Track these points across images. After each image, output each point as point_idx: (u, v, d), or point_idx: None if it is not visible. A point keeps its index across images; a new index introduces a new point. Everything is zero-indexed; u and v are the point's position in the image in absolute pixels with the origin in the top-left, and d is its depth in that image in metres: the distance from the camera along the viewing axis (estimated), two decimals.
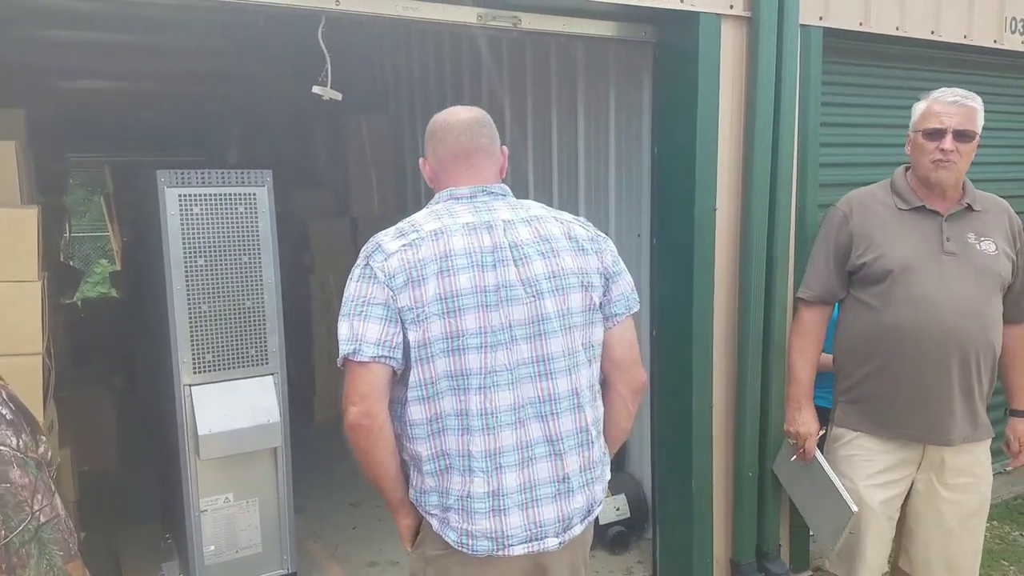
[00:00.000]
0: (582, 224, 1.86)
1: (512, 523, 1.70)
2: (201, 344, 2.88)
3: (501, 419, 1.69)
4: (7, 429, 1.23)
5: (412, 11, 2.58)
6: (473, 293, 1.68)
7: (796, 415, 2.61)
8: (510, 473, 1.70)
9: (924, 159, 2.38)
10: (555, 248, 1.76)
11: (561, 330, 1.73)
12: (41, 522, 1.23)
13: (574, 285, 1.76)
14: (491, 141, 1.85)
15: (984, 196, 2.49)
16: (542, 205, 1.87)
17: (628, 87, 3.53)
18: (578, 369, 1.76)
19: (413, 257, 1.68)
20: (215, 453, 2.88)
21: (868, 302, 2.43)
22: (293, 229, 5.90)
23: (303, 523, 3.88)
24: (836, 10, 3.17)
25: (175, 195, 2.80)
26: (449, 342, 1.66)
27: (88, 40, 5.00)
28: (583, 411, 1.77)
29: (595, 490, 1.81)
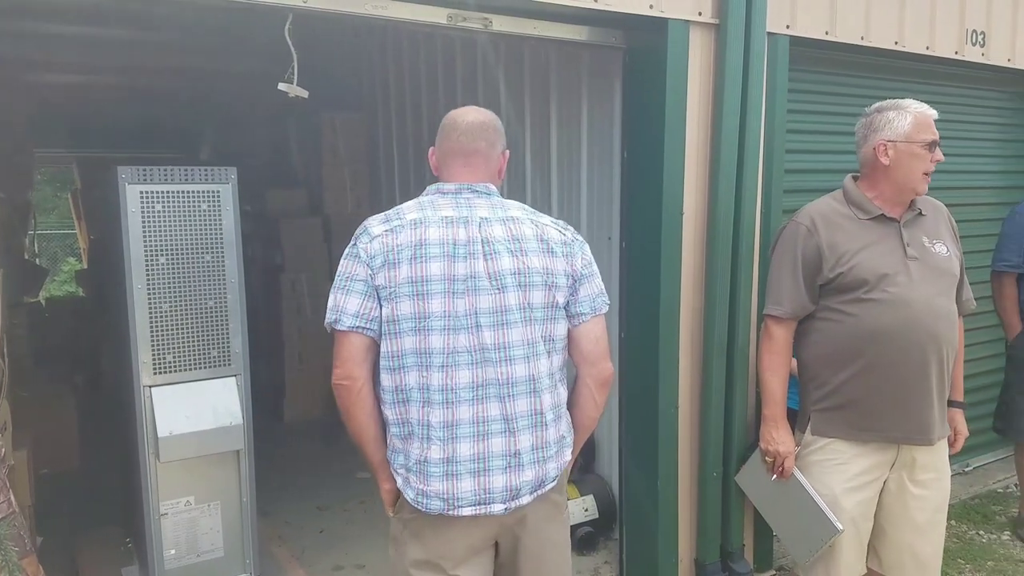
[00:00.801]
0: (559, 228, 2.00)
1: (463, 487, 1.88)
2: (162, 344, 2.83)
3: (460, 395, 1.86)
4: None
5: (381, 10, 2.57)
6: (442, 280, 1.85)
7: (773, 434, 2.59)
8: (464, 443, 1.87)
9: (918, 170, 2.40)
10: (524, 248, 1.91)
11: (521, 322, 1.90)
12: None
13: (537, 283, 1.91)
14: (490, 145, 2.01)
15: (924, 200, 2.53)
16: (523, 207, 2.01)
17: (600, 91, 3.54)
18: (537, 358, 1.92)
19: (392, 242, 1.86)
20: (175, 455, 2.84)
21: (843, 310, 2.44)
22: (265, 228, 5.85)
23: (269, 526, 3.85)
24: (803, 19, 3.21)
25: (136, 192, 2.76)
26: (416, 322, 1.84)
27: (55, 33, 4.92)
28: (539, 396, 1.93)
29: (547, 467, 1.96)
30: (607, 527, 3.68)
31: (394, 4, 2.57)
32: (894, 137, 2.42)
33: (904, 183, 2.43)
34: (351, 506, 4.13)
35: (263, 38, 3.26)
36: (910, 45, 3.56)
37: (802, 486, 2.57)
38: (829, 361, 2.50)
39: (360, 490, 4.31)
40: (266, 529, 3.69)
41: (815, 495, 2.53)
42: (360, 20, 2.60)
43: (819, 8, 3.25)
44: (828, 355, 2.51)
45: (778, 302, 2.54)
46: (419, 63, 5.00)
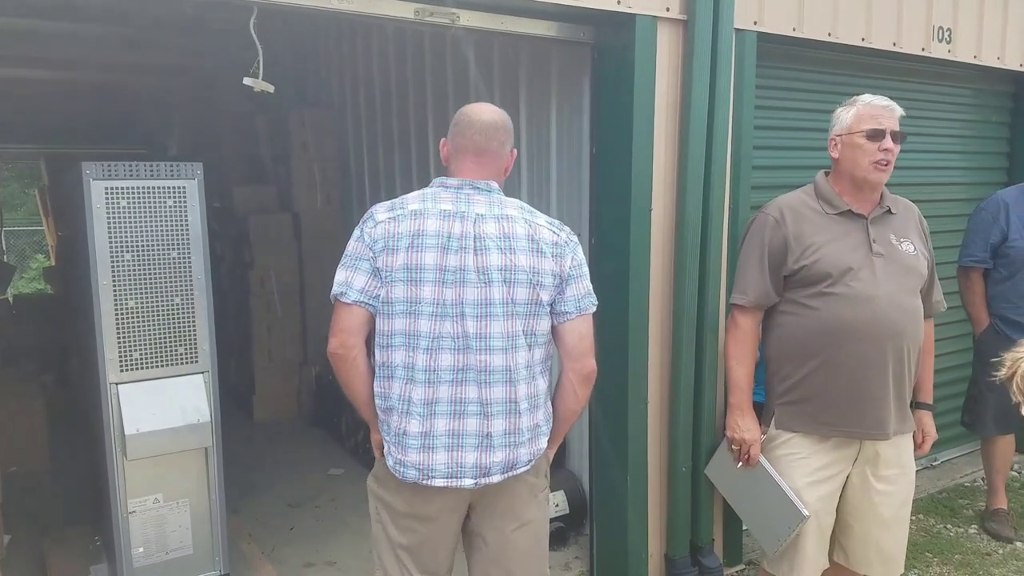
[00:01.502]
0: (554, 229, 2.09)
1: (438, 460, 2.02)
2: (128, 341, 2.80)
3: (441, 376, 2.00)
4: None
5: (347, 5, 2.55)
6: (434, 270, 1.98)
7: (739, 422, 2.62)
8: (442, 420, 2.01)
9: (863, 160, 2.42)
10: (513, 246, 2.01)
11: (503, 316, 2.00)
12: None
13: (522, 281, 2.01)
14: (501, 145, 2.12)
15: (896, 199, 2.57)
16: (522, 206, 2.10)
17: (569, 88, 3.55)
18: (516, 351, 2.02)
19: (394, 229, 2.00)
20: (143, 453, 2.81)
21: (806, 303, 2.47)
22: (234, 225, 5.80)
23: (239, 524, 3.82)
24: (770, 15, 3.23)
25: (101, 188, 2.72)
26: (408, 305, 1.99)
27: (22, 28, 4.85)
28: (515, 386, 2.03)
29: (518, 452, 2.07)
30: (578, 522, 3.70)
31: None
32: (840, 131, 2.49)
33: (853, 175, 2.47)
34: (322, 503, 4.11)
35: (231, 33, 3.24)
36: (877, 42, 3.60)
37: (769, 474, 2.59)
38: (792, 355, 2.53)
39: (331, 487, 4.30)
40: (236, 526, 3.67)
41: (782, 483, 2.55)
42: (326, 15, 2.58)
43: (786, 4, 3.28)
44: (791, 349, 2.54)
45: (743, 291, 2.58)
46: (388, 58, 4.98)
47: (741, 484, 2.77)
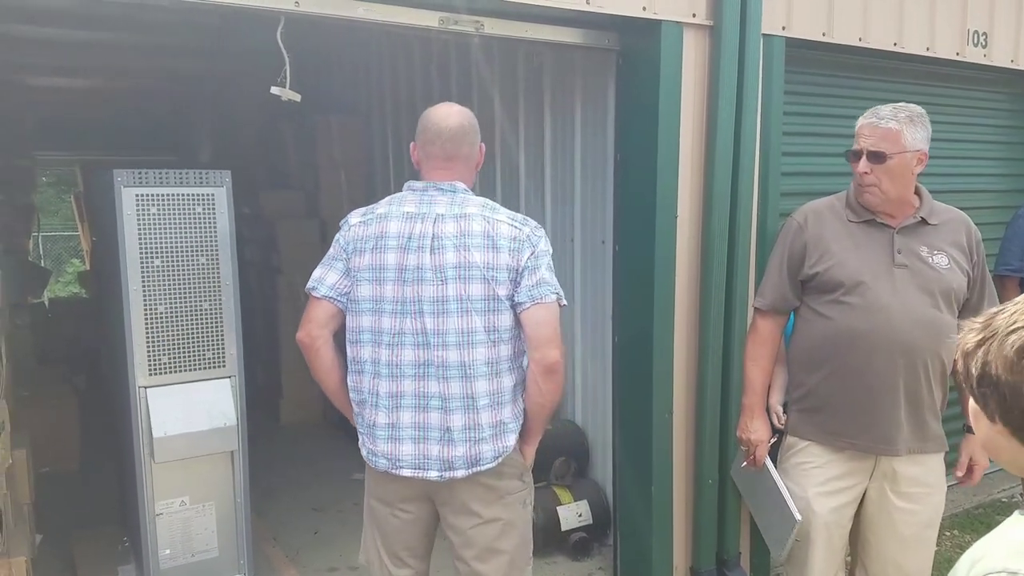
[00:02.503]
0: (516, 224, 2.12)
1: (404, 451, 2.12)
2: (157, 346, 2.84)
3: (404, 371, 2.10)
4: None
5: (373, 14, 2.57)
6: (395, 269, 2.08)
7: (749, 422, 2.62)
8: (407, 413, 2.11)
9: (854, 180, 2.41)
10: (468, 244, 2.06)
11: (458, 312, 2.06)
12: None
13: (476, 277, 2.06)
14: (471, 148, 2.20)
15: (943, 209, 2.50)
16: (484, 204, 2.14)
17: (594, 94, 3.54)
18: (473, 347, 2.07)
19: (363, 232, 2.13)
20: (170, 456, 2.85)
21: (821, 311, 2.45)
22: (262, 231, 5.86)
23: (264, 527, 3.85)
24: (799, 20, 3.19)
25: (132, 195, 2.77)
26: (373, 304, 2.10)
27: (57, 38, 4.96)
28: (472, 381, 2.08)
29: (480, 448, 2.11)
30: (601, 533, 3.67)
31: (385, 8, 2.57)
32: None
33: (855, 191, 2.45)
34: (346, 507, 4.12)
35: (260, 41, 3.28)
36: (909, 46, 3.54)
37: (771, 476, 2.59)
38: (805, 361, 2.51)
39: (355, 492, 4.26)
40: (260, 529, 3.70)
41: (781, 486, 2.55)
42: (352, 24, 2.60)
43: (816, 9, 3.24)
44: (804, 355, 2.52)
45: (762, 294, 2.59)
46: (414, 66, 5.01)
47: (752, 485, 2.78)
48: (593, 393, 3.79)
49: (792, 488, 2.53)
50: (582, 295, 3.79)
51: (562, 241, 3.90)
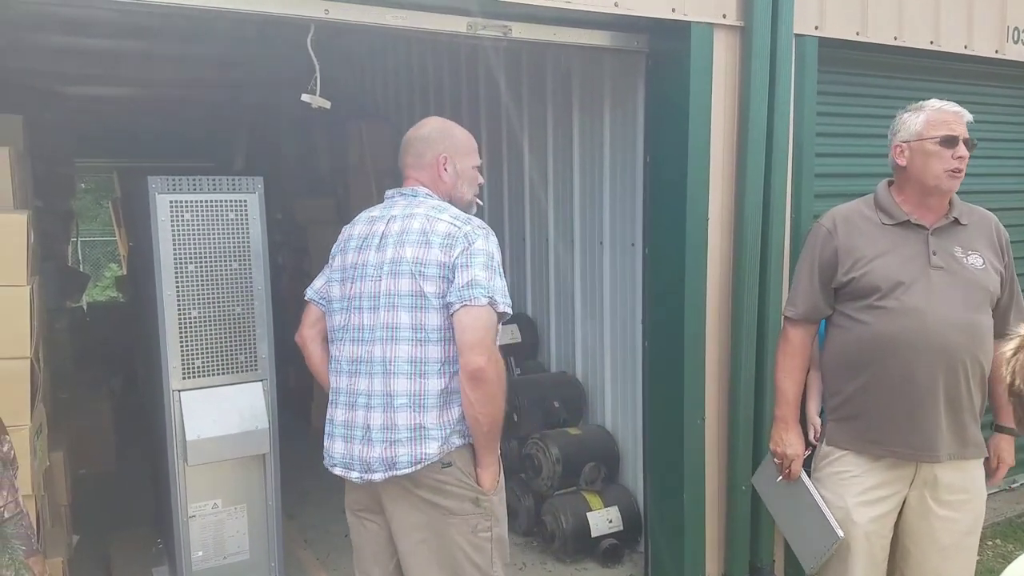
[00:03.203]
0: (456, 223, 2.10)
1: (336, 448, 2.18)
2: (190, 350, 2.87)
3: (343, 367, 2.17)
4: None
5: (401, 20, 2.59)
6: (352, 268, 2.17)
7: (783, 435, 2.56)
8: (340, 409, 2.18)
9: (937, 167, 2.32)
10: (403, 240, 2.09)
11: (385, 307, 2.09)
12: (5, 518, 1.24)
13: (405, 272, 2.07)
14: (416, 156, 2.24)
15: (971, 209, 2.46)
16: (436, 206, 2.15)
17: (623, 96, 3.52)
18: (397, 343, 2.07)
19: (342, 237, 2.29)
20: (203, 459, 2.87)
21: (856, 317, 2.39)
22: (294, 236, 5.92)
23: (295, 530, 3.88)
24: (832, 19, 3.15)
25: (166, 201, 2.80)
26: (337, 303, 2.21)
27: (94, 47, 5.06)
28: (394, 379, 2.07)
29: (396, 451, 2.06)
30: (632, 539, 3.65)
31: (414, 14, 2.59)
32: (908, 137, 2.38)
33: (924, 183, 2.36)
34: None
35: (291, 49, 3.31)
36: (947, 44, 3.47)
37: (808, 490, 2.53)
38: (841, 369, 2.46)
39: None
40: (292, 532, 3.73)
41: (820, 500, 2.49)
42: (381, 30, 2.62)
43: (850, 8, 3.20)
44: (840, 363, 2.46)
45: (793, 303, 2.53)
46: (443, 70, 5.03)
47: (782, 498, 2.70)
48: (623, 397, 3.77)
49: (830, 498, 2.48)
50: (611, 298, 3.77)
51: (591, 244, 3.89)
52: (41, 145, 3.93)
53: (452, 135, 2.26)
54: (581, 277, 3.99)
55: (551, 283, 4.25)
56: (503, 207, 4.62)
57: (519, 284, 4.58)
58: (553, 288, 4.24)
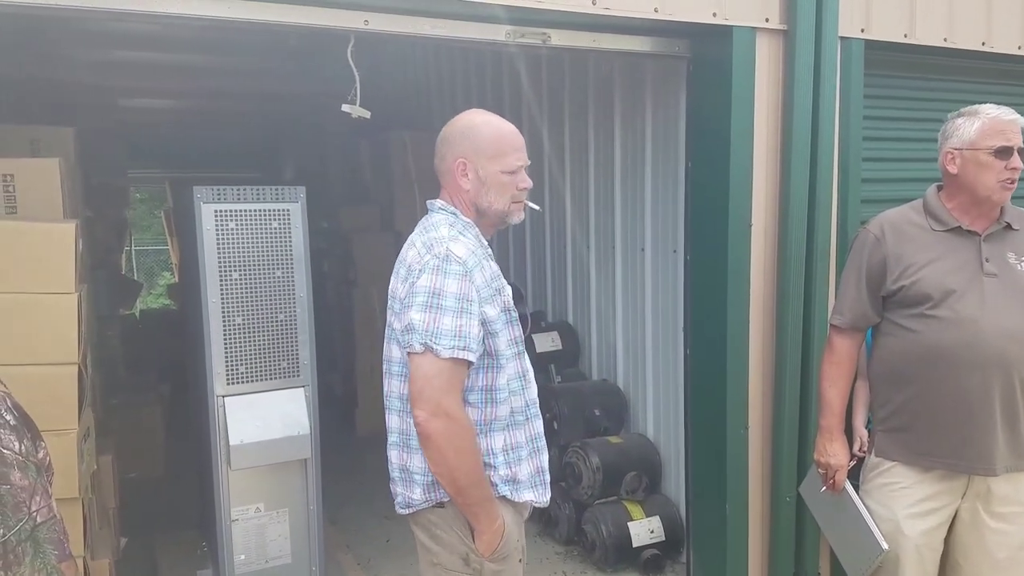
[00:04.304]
0: (422, 251, 1.88)
1: None
2: (234, 356, 2.92)
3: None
4: (10, 434, 1.28)
5: (440, 29, 2.61)
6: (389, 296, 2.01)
7: (827, 446, 2.50)
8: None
9: (990, 178, 2.26)
10: (397, 270, 1.96)
11: (387, 339, 1.99)
12: (37, 522, 1.27)
13: (391, 305, 1.97)
14: (440, 159, 2.02)
15: (1020, 212, 2.38)
16: (433, 224, 1.95)
17: (664, 102, 3.50)
18: (391, 377, 1.98)
19: None
20: (246, 463, 2.92)
21: (906, 326, 2.33)
22: (339, 244, 6.00)
23: (336, 534, 3.92)
24: (879, 21, 3.08)
25: (211, 210, 2.86)
26: None
27: (147, 60, 5.22)
28: (389, 415, 2.00)
29: (395, 489, 2.01)
30: (674, 550, 3.60)
31: (452, 23, 2.60)
32: (960, 145, 2.30)
33: (975, 192, 2.29)
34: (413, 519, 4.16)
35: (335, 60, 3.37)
36: (999, 45, 3.37)
37: (853, 501, 2.48)
38: (890, 379, 2.39)
39: None
40: (333, 536, 3.77)
41: (864, 512, 2.43)
42: (421, 40, 2.64)
43: (897, 9, 3.12)
44: (890, 373, 2.39)
45: (840, 311, 2.47)
46: (485, 78, 5.05)
47: (828, 508, 2.65)
48: (665, 406, 3.73)
49: (879, 511, 2.41)
50: (652, 305, 3.74)
51: (632, 251, 3.86)
52: (94, 156, 4.05)
53: (474, 133, 1.96)
54: (623, 284, 3.97)
55: (592, 290, 4.23)
56: (544, 214, 4.62)
57: (560, 291, 4.57)
58: (594, 295, 4.22)
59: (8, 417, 1.30)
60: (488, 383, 1.92)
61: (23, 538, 1.25)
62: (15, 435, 1.29)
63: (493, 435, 1.94)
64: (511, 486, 1.96)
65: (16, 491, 1.24)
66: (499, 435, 1.94)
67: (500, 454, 1.95)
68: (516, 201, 1.99)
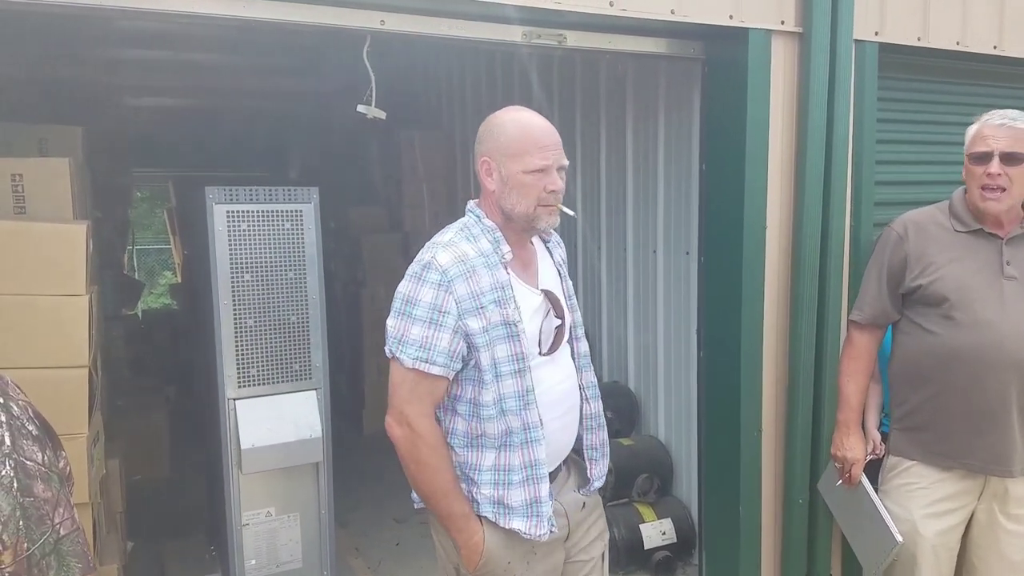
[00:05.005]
0: (417, 255, 1.88)
1: None
2: (246, 358, 2.90)
3: None
4: (33, 444, 1.26)
5: (457, 30, 2.59)
6: None
7: (844, 440, 2.52)
8: None
9: (973, 185, 2.29)
10: None
11: None
12: (61, 535, 1.24)
13: None
14: (478, 162, 1.92)
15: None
16: (450, 227, 1.94)
17: (677, 103, 3.48)
18: None
19: None
20: (257, 467, 2.90)
21: (924, 325, 2.33)
22: (347, 244, 5.98)
23: (346, 538, 3.90)
24: (893, 25, 3.07)
25: (223, 211, 2.84)
26: None
27: (152, 59, 5.19)
28: None
29: None
30: (686, 552, 3.59)
31: (469, 24, 2.58)
32: (965, 151, 2.35)
33: (969, 199, 2.32)
34: (428, 520, 4.13)
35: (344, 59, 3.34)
36: (1011, 49, 3.36)
37: (868, 495, 2.49)
38: (908, 379, 2.40)
39: None
40: (343, 540, 3.74)
41: (879, 505, 2.44)
42: (437, 40, 2.62)
43: (911, 13, 3.11)
44: (907, 372, 2.41)
45: (860, 307, 2.49)
46: (496, 77, 5.03)
47: (844, 503, 2.67)
48: (677, 408, 3.71)
49: (896, 511, 2.42)
50: (665, 307, 3.72)
51: (645, 252, 3.85)
52: (100, 155, 4.02)
53: (499, 131, 1.88)
54: (634, 285, 3.95)
55: (603, 292, 4.21)
56: None
57: None
58: (605, 297, 4.20)
59: (31, 427, 1.28)
60: (473, 397, 1.86)
61: (47, 551, 1.22)
62: (38, 445, 1.26)
63: (484, 451, 1.87)
64: (497, 509, 1.87)
65: (39, 503, 1.21)
66: (489, 452, 1.86)
67: (487, 472, 1.87)
68: (544, 204, 1.89)
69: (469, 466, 1.88)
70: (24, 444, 1.24)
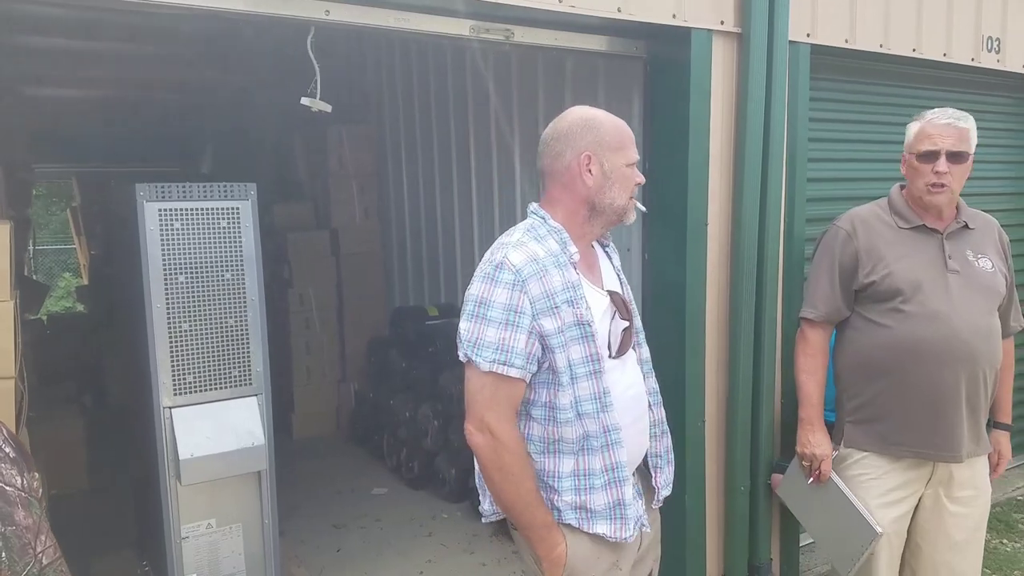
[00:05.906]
0: (487, 257, 1.83)
1: None
2: (182, 365, 2.77)
3: None
4: (11, 468, 1.16)
5: (404, 22, 2.53)
6: None
7: (810, 436, 2.57)
8: None
9: (919, 181, 2.39)
10: None
11: None
12: (43, 564, 1.15)
13: None
14: (554, 160, 1.86)
15: (975, 213, 2.51)
16: (516, 229, 1.88)
17: (618, 101, 3.50)
18: None
19: None
20: (197, 478, 2.77)
21: (877, 320, 2.42)
22: (272, 243, 5.79)
23: (286, 546, 3.77)
24: (823, 27, 3.18)
25: (155, 209, 2.70)
26: None
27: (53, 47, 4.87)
28: None
29: (483, 496, 1.93)
30: None
31: (417, 16, 2.53)
32: (905, 148, 2.46)
33: (915, 194, 2.42)
34: (366, 523, 4.06)
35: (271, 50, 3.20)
36: (927, 52, 3.54)
37: (841, 491, 2.53)
38: (862, 371, 2.48)
39: (375, 508, 4.25)
40: (283, 549, 3.61)
41: (854, 499, 2.49)
42: (384, 32, 2.56)
43: (839, 16, 3.23)
44: (861, 365, 2.48)
45: (813, 305, 2.55)
46: (428, 72, 4.97)
47: (813, 502, 2.70)
48: None
49: None
50: None
51: None
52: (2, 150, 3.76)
53: (597, 125, 1.85)
54: None
55: None
56: (493, 210, 4.57)
57: None
58: None
59: (7, 449, 1.17)
60: (549, 400, 1.81)
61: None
62: (16, 469, 1.16)
63: (562, 457, 1.82)
64: (580, 514, 1.83)
65: (21, 531, 1.12)
66: (568, 458, 1.82)
67: (568, 479, 1.82)
68: (633, 197, 1.91)
69: (548, 473, 1.84)
70: (2, 468, 1.14)
